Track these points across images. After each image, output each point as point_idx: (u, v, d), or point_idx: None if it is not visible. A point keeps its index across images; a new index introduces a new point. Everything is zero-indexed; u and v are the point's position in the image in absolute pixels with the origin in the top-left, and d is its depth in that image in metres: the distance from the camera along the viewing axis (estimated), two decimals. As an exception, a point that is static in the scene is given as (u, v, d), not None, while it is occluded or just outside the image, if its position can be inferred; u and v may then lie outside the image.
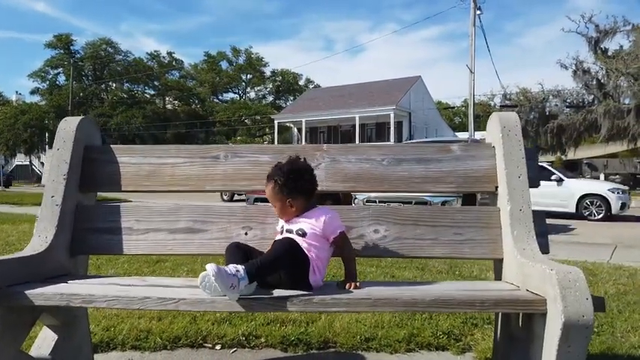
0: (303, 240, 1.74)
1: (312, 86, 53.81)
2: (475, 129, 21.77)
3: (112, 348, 2.47)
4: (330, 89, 39.91)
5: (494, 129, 2.08)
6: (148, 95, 52.14)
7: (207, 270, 1.49)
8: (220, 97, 56.32)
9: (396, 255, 1.97)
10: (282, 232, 1.83)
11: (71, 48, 48.89)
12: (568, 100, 21.35)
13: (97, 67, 49.40)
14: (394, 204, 7.55)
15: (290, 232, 1.78)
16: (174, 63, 54.61)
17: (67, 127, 2.09)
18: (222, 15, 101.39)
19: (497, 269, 1.97)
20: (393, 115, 31.84)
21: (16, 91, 57.92)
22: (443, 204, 7.56)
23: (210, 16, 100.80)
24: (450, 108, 55.26)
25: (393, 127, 32.36)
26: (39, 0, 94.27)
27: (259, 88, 57.28)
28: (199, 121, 48.64)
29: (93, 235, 2.03)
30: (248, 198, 10.16)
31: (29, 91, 59.46)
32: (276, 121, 38.40)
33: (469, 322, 2.79)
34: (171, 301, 1.54)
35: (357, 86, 37.56)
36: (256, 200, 9.58)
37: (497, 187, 2.00)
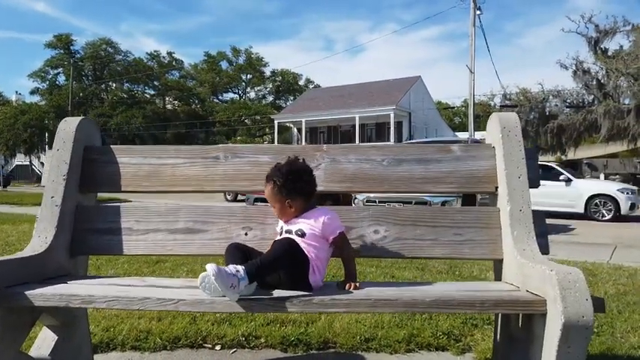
0: (302, 240, 1.74)
1: (312, 86, 53.78)
2: (475, 129, 21.76)
3: (112, 348, 2.47)
4: (330, 89, 39.89)
5: (494, 129, 2.08)
6: (147, 95, 52.09)
7: (207, 270, 1.49)
8: (220, 97, 56.31)
9: (396, 255, 1.97)
10: (281, 233, 1.84)
11: (71, 48, 48.87)
12: (568, 100, 21.34)
13: (97, 67, 49.36)
14: (394, 204, 7.55)
15: (289, 233, 1.78)
16: (174, 63, 54.56)
17: (67, 127, 2.09)
18: (222, 15, 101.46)
19: (497, 270, 1.97)
20: (393, 115, 31.84)
21: (16, 91, 57.97)
22: (443, 204, 7.56)
23: (210, 16, 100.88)
24: (450, 108, 55.25)
25: (393, 127, 32.36)
26: (39, 0, 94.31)
27: (259, 88, 57.28)
28: (199, 121, 48.61)
29: (93, 236, 2.03)
30: (248, 198, 10.17)
31: (29, 91, 59.53)
32: (276, 121, 38.39)
33: (469, 323, 2.79)
34: (171, 302, 1.54)
35: (357, 86, 37.55)
36: (256, 200, 9.58)
37: (497, 188, 2.00)
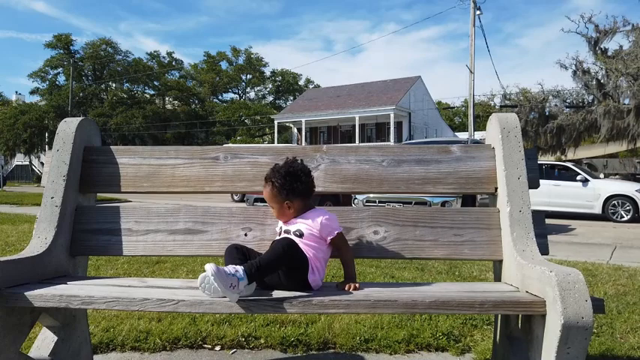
0: (300, 240, 1.74)
1: (311, 86, 53.81)
2: (475, 129, 21.79)
3: (112, 349, 2.47)
4: (330, 89, 39.90)
5: (493, 130, 2.08)
6: (147, 95, 52.05)
7: (207, 270, 1.49)
8: (220, 97, 56.35)
9: (396, 256, 1.97)
10: (280, 233, 1.85)
11: (71, 48, 48.88)
12: (568, 101, 21.33)
13: (97, 67, 49.34)
14: (394, 204, 7.55)
15: (288, 233, 1.80)
16: (174, 63, 54.58)
17: (67, 128, 2.09)
18: (222, 15, 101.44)
19: (497, 270, 1.97)
20: (392, 115, 31.85)
21: (16, 91, 58.07)
22: (443, 204, 7.56)
23: (210, 16, 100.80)
24: (450, 108, 55.21)
25: (393, 127, 32.37)
26: (38, 0, 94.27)
27: (259, 88, 57.35)
28: (199, 121, 48.62)
29: (92, 236, 2.03)
30: (248, 198, 10.18)
31: (29, 91, 59.58)
32: (276, 121, 38.40)
33: (469, 323, 2.79)
34: (171, 303, 1.54)
35: (356, 86, 37.58)
36: (256, 201, 9.59)
37: (496, 189, 2.00)
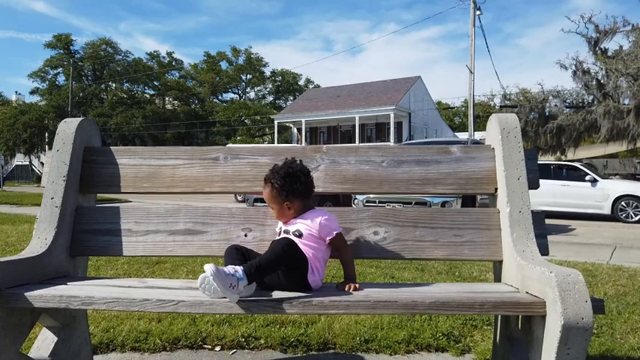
0: (299, 241, 1.75)
1: (311, 86, 53.81)
2: (475, 129, 21.80)
3: (112, 349, 2.47)
4: (330, 89, 39.91)
5: (493, 131, 2.08)
6: (147, 95, 52.03)
7: (206, 270, 1.49)
8: (220, 97, 56.35)
9: (396, 257, 1.97)
10: (279, 234, 1.85)
11: (71, 48, 48.87)
12: (568, 101, 21.34)
13: (97, 67, 49.33)
14: (394, 204, 7.55)
15: (287, 233, 1.80)
16: (173, 63, 54.58)
17: (67, 128, 2.09)
18: (222, 15, 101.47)
19: (497, 271, 1.97)
20: (392, 116, 31.86)
21: (16, 91, 58.07)
22: (443, 205, 7.57)
23: (210, 16, 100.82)
24: (450, 108, 55.22)
25: (392, 128, 32.38)
26: (38, 0, 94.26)
27: (259, 88, 57.37)
28: (199, 121, 48.62)
29: (92, 237, 2.03)
30: (248, 199, 10.18)
31: (29, 91, 59.55)
32: (276, 121, 38.40)
33: (469, 324, 2.79)
34: (171, 303, 1.53)
35: (356, 86, 37.59)
36: (256, 201, 9.59)
37: (496, 189, 2.00)
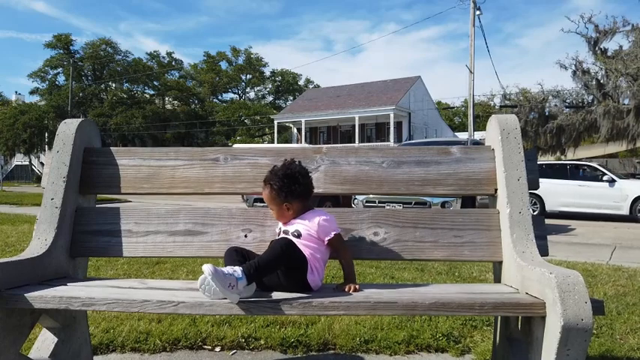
0: (298, 241, 1.75)
1: (311, 86, 53.81)
2: (475, 129, 21.80)
3: (112, 350, 2.47)
4: (330, 89, 39.91)
5: (493, 132, 2.08)
6: (147, 95, 51.98)
7: (204, 270, 1.49)
8: (220, 97, 56.32)
9: (396, 257, 1.97)
10: (279, 234, 1.86)
11: (71, 48, 48.83)
12: (567, 101, 21.35)
13: (97, 67, 49.29)
14: (394, 205, 7.55)
15: (286, 234, 1.81)
16: (173, 63, 54.53)
17: (67, 129, 2.09)
18: (222, 15, 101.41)
19: (497, 271, 1.97)
20: (392, 116, 31.86)
21: (16, 91, 58.07)
22: (442, 205, 7.57)
23: (210, 16, 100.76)
24: (450, 108, 55.21)
25: (392, 128, 32.38)
26: (38, 0, 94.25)
27: (259, 88, 57.34)
28: (199, 121, 48.60)
29: (92, 238, 2.03)
30: (247, 199, 10.18)
31: (29, 91, 59.54)
32: (276, 122, 38.40)
33: (469, 324, 2.79)
34: (171, 305, 1.54)
35: (356, 86, 37.58)
36: (256, 201, 9.59)
37: (496, 190, 2.00)
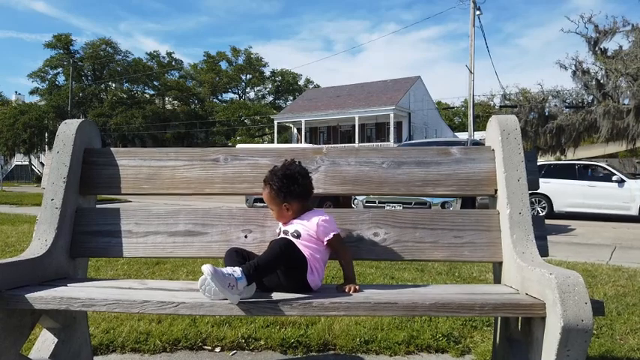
0: (298, 241, 1.76)
1: (311, 86, 53.81)
2: (475, 129, 21.80)
3: (112, 350, 2.47)
4: (330, 89, 39.90)
5: (493, 132, 2.08)
6: (147, 95, 51.94)
7: (204, 271, 1.49)
8: (220, 97, 56.30)
9: (396, 258, 1.97)
10: (279, 235, 1.86)
11: (71, 48, 48.79)
12: (567, 101, 21.35)
13: (97, 67, 49.24)
14: (394, 205, 7.55)
15: (286, 234, 1.81)
16: (173, 63, 54.50)
17: (67, 129, 2.09)
18: (222, 15, 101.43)
19: (497, 272, 1.98)
20: (392, 116, 31.86)
21: (16, 91, 58.07)
22: (442, 205, 7.57)
23: (210, 16, 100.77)
24: (450, 108, 55.20)
25: (392, 128, 32.37)
26: (38, 0, 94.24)
27: (259, 88, 57.34)
28: (199, 121, 48.58)
29: (93, 238, 2.03)
30: (248, 199, 10.18)
31: (29, 91, 59.52)
32: (276, 122, 38.39)
33: (469, 325, 2.79)
34: (171, 305, 1.54)
35: (356, 86, 37.58)
36: (256, 201, 9.60)
37: (496, 191, 2.00)
